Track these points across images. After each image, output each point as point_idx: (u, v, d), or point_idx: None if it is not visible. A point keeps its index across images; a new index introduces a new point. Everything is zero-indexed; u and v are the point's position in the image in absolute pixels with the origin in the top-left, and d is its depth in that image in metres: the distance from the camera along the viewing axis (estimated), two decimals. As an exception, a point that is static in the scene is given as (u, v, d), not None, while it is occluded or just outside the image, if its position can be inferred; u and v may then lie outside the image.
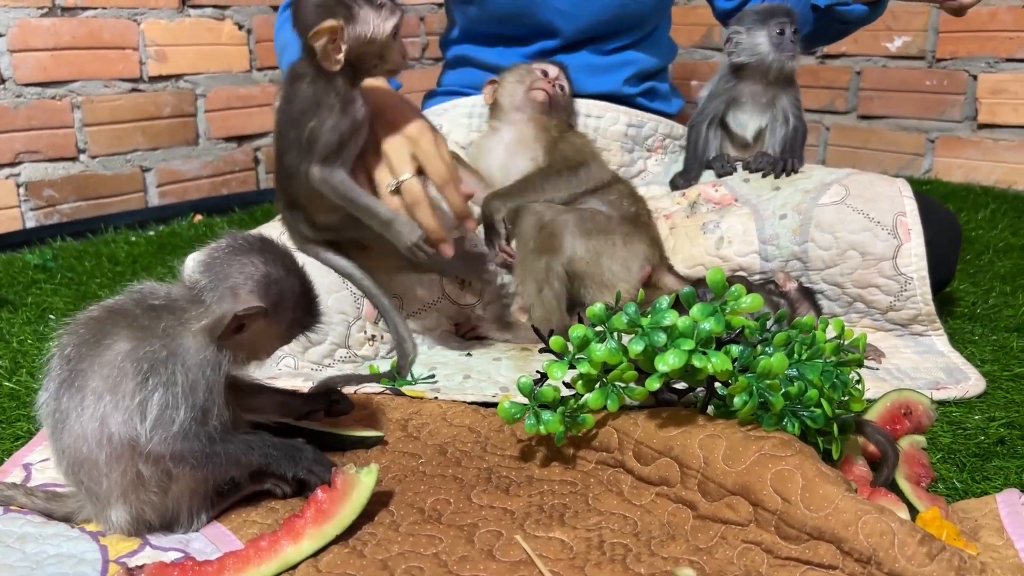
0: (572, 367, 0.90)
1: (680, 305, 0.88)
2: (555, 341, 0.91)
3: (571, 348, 0.90)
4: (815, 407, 0.84)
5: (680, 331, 0.83)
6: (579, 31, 1.51)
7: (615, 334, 0.88)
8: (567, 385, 0.93)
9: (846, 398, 0.88)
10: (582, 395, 0.91)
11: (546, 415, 0.90)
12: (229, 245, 0.82)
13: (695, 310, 0.84)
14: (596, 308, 0.90)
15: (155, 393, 0.77)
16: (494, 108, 1.45)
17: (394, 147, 1.15)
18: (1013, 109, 2.31)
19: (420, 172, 1.15)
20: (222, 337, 0.80)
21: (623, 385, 0.89)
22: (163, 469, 0.80)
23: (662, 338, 0.83)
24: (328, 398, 1.00)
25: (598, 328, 0.90)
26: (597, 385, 0.91)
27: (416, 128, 1.16)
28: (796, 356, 0.87)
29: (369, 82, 1.16)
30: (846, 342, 0.92)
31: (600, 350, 0.87)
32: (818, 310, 1.31)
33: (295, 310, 0.84)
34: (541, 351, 0.95)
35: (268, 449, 0.84)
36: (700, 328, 0.83)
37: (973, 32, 2.34)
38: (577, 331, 0.89)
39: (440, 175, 1.14)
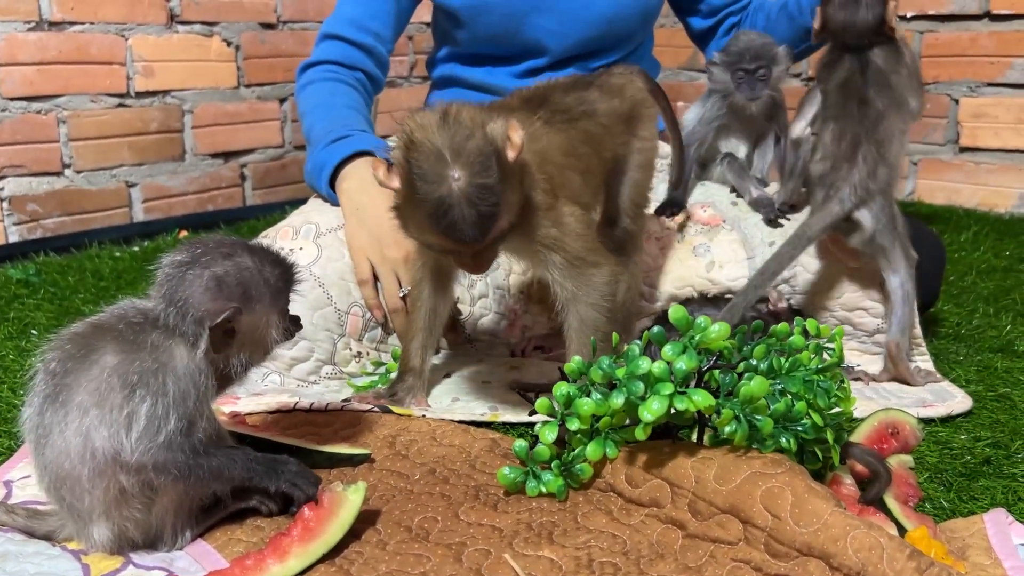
0: (562, 424, 0.90)
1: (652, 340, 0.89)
2: (540, 404, 0.92)
3: (557, 407, 0.91)
4: (804, 419, 0.85)
5: (656, 377, 0.83)
6: (566, 50, 1.52)
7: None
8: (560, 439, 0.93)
9: (834, 400, 0.88)
10: (577, 448, 0.91)
11: (546, 476, 0.91)
12: (178, 263, 0.81)
13: (666, 351, 0.84)
14: (573, 364, 0.91)
15: (143, 403, 0.76)
16: None
17: (406, 260, 1.23)
18: (994, 133, 2.34)
19: None
20: (217, 350, 0.80)
21: (617, 429, 0.90)
22: (145, 480, 0.79)
23: (640, 387, 0.84)
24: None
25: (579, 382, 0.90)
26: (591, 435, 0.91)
27: None
28: (776, 369, 0.88)
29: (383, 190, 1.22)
30: (823, 340, 0.93)
31: (587, 404, 0.87)
32: (805, 335, 1.31)
33: (268, 286, 0.83)
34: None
35: (251, 463, 0.83)
36: (676, 369, 0.83)
37: (955, 57, 2.37)
38: (561, 389, 0.90)
39: None
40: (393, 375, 1.20)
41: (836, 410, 0.91)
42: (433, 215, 0.90)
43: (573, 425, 0.89)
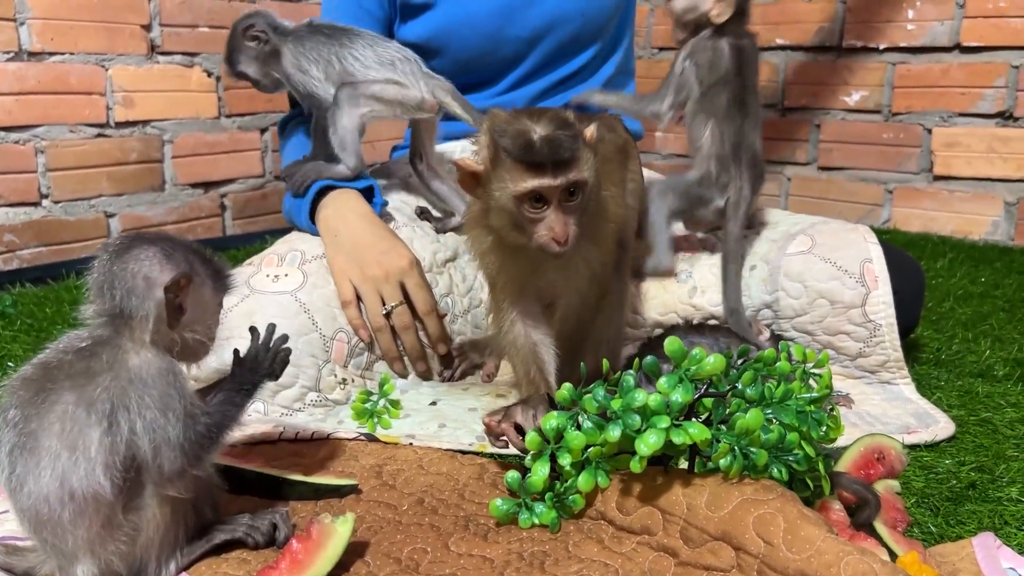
0: (553, 457, 0.90)
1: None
2: (531, 440, 0.92)
3: (548, 442, 0.91)
4: (796, 449, 0.85)
5: (652, 409, 0.83)
6: (546, 54, 1.53)
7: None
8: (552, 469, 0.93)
9: (824, 430, 0.88)
10: (568, 479, 0.91)
11: (539, 507, 0.90)
12: (108, 256, 0.80)
13: (662, 383, 0.84)
14: (563, 392, 0.91)
15: (137, 423, 0.76)
16: None
17: (387, 278, 1.27)
18: (967, 162, 2.38)
19: (407, 300, 1.29)
20: (170, 325, 0.79)
21: (607, 458, 0.90)
22: (189, 480, 0.80)
23: (637, 420, 0.84)
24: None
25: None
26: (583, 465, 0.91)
27: (407, 262, 1.29)
28: (768, 398, 0.88)
29: (367, 213, 1.32)
30: (810, 365, 0.94)
31: (578, 438, 0.87)
32: (790, 359, 1.32)
33: (204, 265, 0.83)
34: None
35: (233, 395, 0.84)
36: (672, 401, 0.83)
37: (927, 88, 2.42)
38: (550, 422, 0.90)
39: (424, 305, 1.29)
40: (386, 399, 1.21)
41: (823, 435, 0.91)
42: (522, 147, 0.96)
43: (564, 460, 0.89)
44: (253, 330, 0.88)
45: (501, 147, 0.97)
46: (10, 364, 1.44)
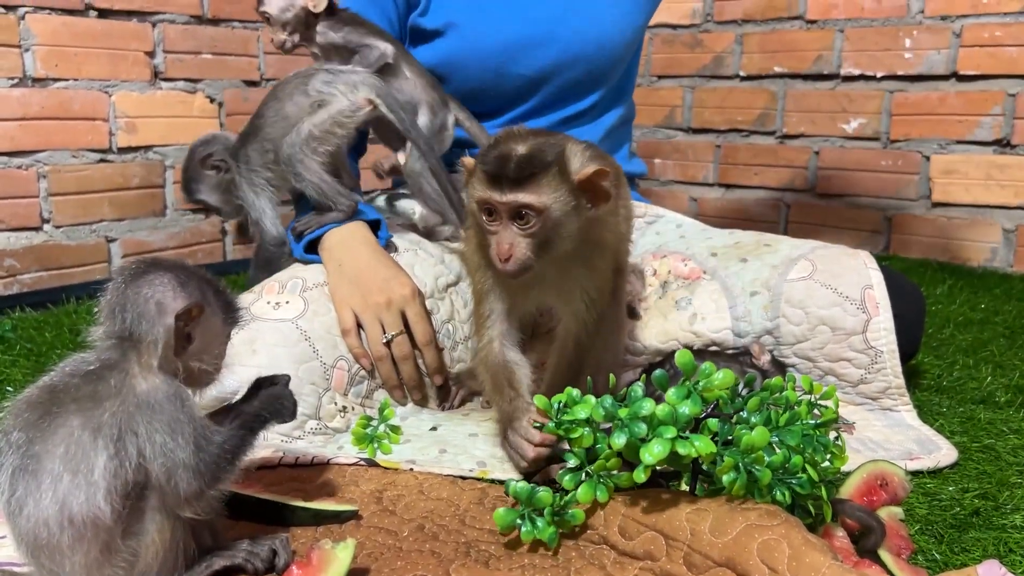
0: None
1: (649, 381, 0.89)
2: (539, 399, 0.93)
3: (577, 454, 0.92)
4: (800, 472, 0.84)
5: (660, 419, 0.83)
6: (549, 94, 1.54)
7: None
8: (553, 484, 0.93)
9: (828, 457, 0.88)
10: (568, 492, 0.90)
11: (540, 521, 0.90)
12: (123, 279, 0.81)
13: (671, 395, 0.85)
14: (541, 400, 0.93)
15: (146, 447, 0.76)
16: None
17: (388, 306, 1.27)
18: (965, 189, 2.39)
19: (407, 330, 1.29)
20: (176, 352, 0.79)
21: (609, 473, 0.89)
22: (207, 501, 0.80)
23: (643, 429, 0.84)
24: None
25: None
26: (583, 477, 0.91)
27: (409, 291, 1.29)
28: (774, 423, 0.88)
29: (372, 243, 1.33)
30: (816, 396, 0.94)
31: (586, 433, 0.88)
32: (795, 388, 1.32)
33: (216, 296, 0.84)
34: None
35: (250, 422, 0.85)
36: (679, 413, 0.83)
37: (924, 116, 2.44)
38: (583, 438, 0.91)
39: (424, 336, 1.29)
40: (386, 424, 1.20)
41: (827, 465, 0.91)
42: (485, 156, 0.98)
43: (572, 458, 0.91)
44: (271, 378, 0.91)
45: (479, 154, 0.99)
46: (9, 388, 1.44)
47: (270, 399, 0.87)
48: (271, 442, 1.17)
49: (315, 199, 1.34)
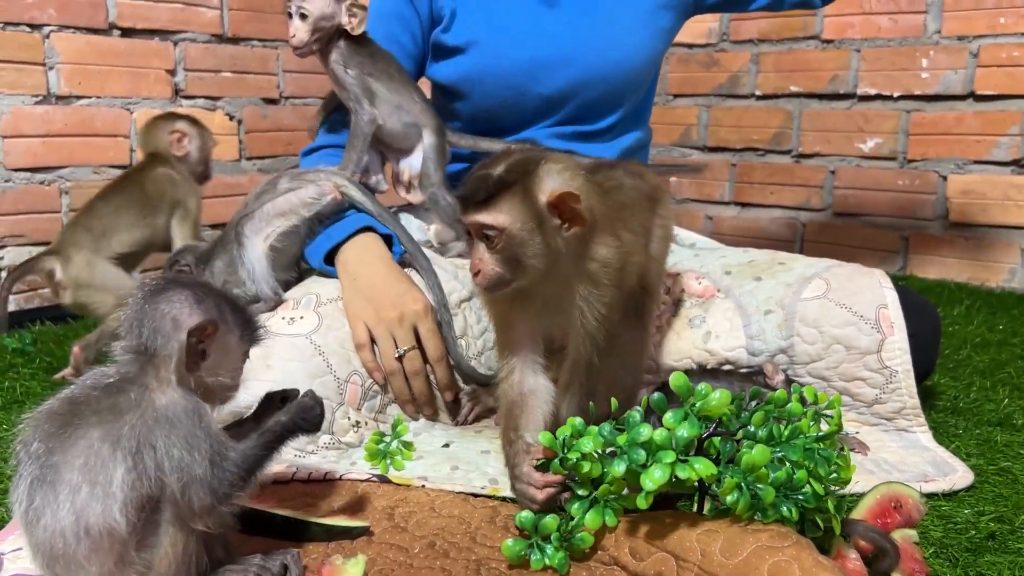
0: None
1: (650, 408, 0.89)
2: (544, 436, 0.92)
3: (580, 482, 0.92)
4: (805, 487, 0.84)
5: (658, 444, 0.83)
6: (568, 114, 1.55)
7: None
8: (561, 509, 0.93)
9: (834, 469, 0.88)
10: (575, 518, 0.91)
11: (549, 548, 0.90)
12: (143, 295, 0.82)
13: (668, 418, 0.85)
14: (546, 437, 0.93)
15: (164, 462, 0.76)
16: None
17: (400, 321, 1.28)
18: (982, 209, 2.38)
19: (419, 345, 1.29)
20: (188, 368, 0.80)
21: (615, 496, 0.89)
22: (220, 515, 0.80)
23: (642, 455, 0.84)
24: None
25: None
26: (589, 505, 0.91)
27: (422, 307, 1.30)
28: (777, 437, 0.88)
29: (387, 257, 1.35)
30: (821, 407, 0.93)
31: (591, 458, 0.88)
32: (803, 402, 1.31)
33: (234, 314, 0.84)
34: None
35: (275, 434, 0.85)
36: (677, 437, 0.83)
37: (941, 135, 2.43)
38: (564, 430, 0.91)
39: (435, 352, 1.30)
40: (399, 440, 1.21)
41: (834, 477, 0.90)
42: (465, 179, 1.00)
43: (578, 455, 0.90)
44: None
45: None
46: (28, 401, 1.46)
47: (301, 409, 0.87)
48: (284, 457, 1.17)
49: (244, 281, 1.34)
